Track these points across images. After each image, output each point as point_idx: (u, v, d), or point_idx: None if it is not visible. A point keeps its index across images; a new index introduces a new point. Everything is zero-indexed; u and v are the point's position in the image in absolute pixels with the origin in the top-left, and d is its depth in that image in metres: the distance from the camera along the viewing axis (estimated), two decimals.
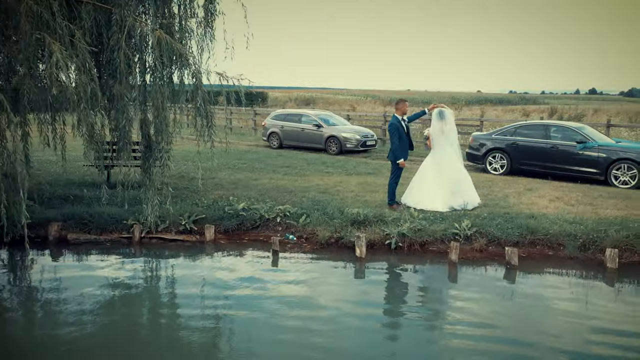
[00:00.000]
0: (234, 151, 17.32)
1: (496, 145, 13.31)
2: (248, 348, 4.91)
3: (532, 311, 5.79)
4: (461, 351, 4.87)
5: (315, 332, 5.16)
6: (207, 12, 8.17)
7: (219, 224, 8.27)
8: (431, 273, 7.13)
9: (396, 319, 5.75)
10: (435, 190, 8.76)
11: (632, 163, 11.29)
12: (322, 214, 8.26)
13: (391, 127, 8.74)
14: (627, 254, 7.17)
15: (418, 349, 4.96)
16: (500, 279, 6.81)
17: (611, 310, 5.88)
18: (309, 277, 6.73)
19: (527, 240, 7.58)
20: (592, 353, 4.82)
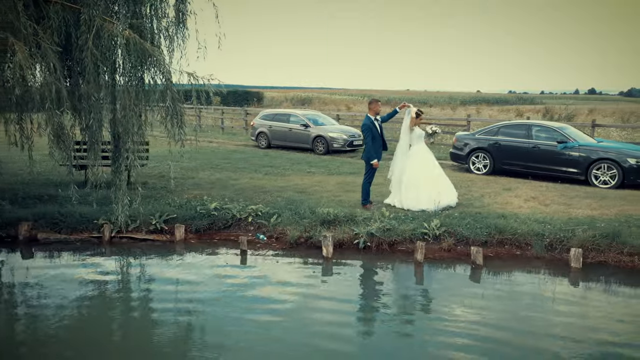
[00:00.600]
0: (222, 151, 17.37)
1: (479, 145, 13.30)
2: (216, 341, 4.97)
3: (485, 310, 5.78)
4: (416, 348, 4.88)
5: (276, 327, 5.29)
6: (178, 12, 8.19)
7: (190, 224, 8.28)
8: (395, 272, 7.13)
9: (352, 317, 5.72)
10: (422, 188, 8.71)
11: (611, 163, 11.29)
12: (293, 214, 8.27)
13: (364, 128, 8.74)
14: (594, 253, 7.18)
15: (376, 346, 4.96)
16: (463, 279, 6.81)
17: (563, 310, 5.83)
18: (273, 276, 6.73)
19: (495, 240, 7.58)
20: (541, 352, 4.82)
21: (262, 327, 5.27)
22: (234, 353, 4.81)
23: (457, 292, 6.35)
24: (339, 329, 5.31)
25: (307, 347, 4.93)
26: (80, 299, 5.99)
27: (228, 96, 46.51)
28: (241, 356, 4.78)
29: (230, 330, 5.21)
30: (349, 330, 5.33)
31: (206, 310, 5.68)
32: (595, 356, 4.76)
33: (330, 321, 5.47)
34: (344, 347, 4.94)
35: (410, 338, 5.21)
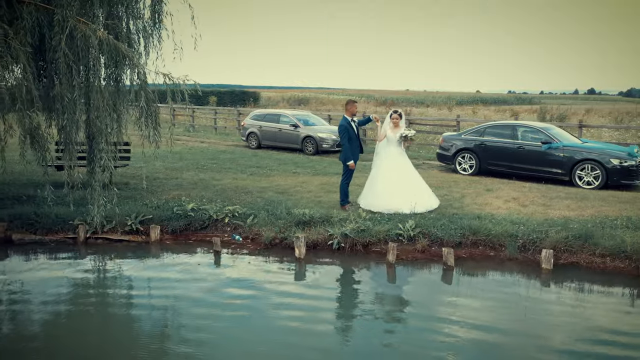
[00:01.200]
0: (211, 151, 17.39)
1: (465, 146, 13.30)
2: (188, 338, 5.01)
3: (449, 310, 5.78)
4: (380, 348, 4.88)
5: (245, 324, 5.40)
6: (154, 13, 8.20)
7: (166, 225, 8.28)
8: (364, 273, 7.10)
9: (315, 316, 5.67)
10: (399, 192, 8.64)
11: (595, 163, 11.28)
12: (269, 215, 8.27)
13: (340, 129, 8.73)
14: (566, 255, 7.17)
15: (337, 345, 4.96)
16: (433, 280, 6.83)
17: (525, 311, 5.83)
18: (243, 276, 6.75)
19: (469, 241, 7.58)
20: (497, 351, 4.82)
21: (230, 326, 5.31)
22: (203, 348, 4.85)
23: (424, 293, 6.37)
24: (303, 326, 5.33)
25: (272, 342, 5.01)
26: (52, 299, 6.00)
27: (225, 96, 46.62)
28: (207, 351, 4.81)
29: (200, 327, 5.27)
30: (312, 329, 5.32)
31: (176, 309, 5.75)
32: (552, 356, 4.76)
33: (294, 320, 5.49)
34: (307, 342, 4.96)
35: (369, 337, 5.21)
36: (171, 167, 13.20)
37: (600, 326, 5.42)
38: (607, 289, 6.50)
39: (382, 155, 8.75)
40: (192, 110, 28.20)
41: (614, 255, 6.97)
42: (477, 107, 44.84)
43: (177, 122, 29.11)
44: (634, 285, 6.48)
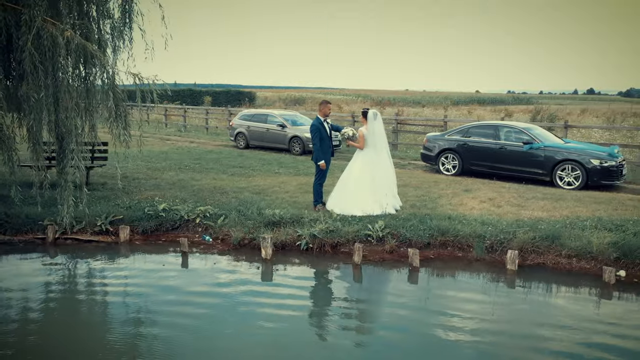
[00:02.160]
0: (198, 151, 17.36)
1: (448, 146, 13.27)
2: (148, 334, 4.96)
3: (403, 311, 5.77)
4: (339, 348, 4.87)
5: (204, 323, 5.37)
6: (124, 12, 8.17)
7: (137, 225, 8.26)
8: (330, 274, 7.04)
9: (270, 314, 5.65)
10: (374, 194, 8.59)
11: (575, 164, 11.26)
12: (240, 215, 8.25)
13: (312, 129, 8.70)
14: (533, 255, 7.15)
15: (294, 345, 4.93)
16: (396, 280, 6.80)
17: (480, 311, 5.78)
18: (206, 276, 6.73)
19: (438, 242, 7.56)
20: (450, 351, 4.80)
21: (189, 324, 5.31)
22: (158, 344, 4.89)
23: (385, 294, 6.38)
24: (262, 325, 5.30)
25: (230, 340, 5.04)
26: (16, 299, 5.99)
27: (220, 96, 46.61)
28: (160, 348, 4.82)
29: (159, 327, 5.31)
30: (270, 327, 5.28)
31: (137, 309, 5.75)
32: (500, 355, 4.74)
33: (254, 319, 5.45)
34: (264, 341, 4.95)
35: (324, 336, 5.19)
36: (154, 167, 13.18)
37: (550, 325, 5.38)
38: (566, 290, 6.46)
39: (358, 158, 8.71)
40: (185, 110, 28.20)
41: (580, 256, 6.94)
42: (473, 107, 44.79)
43: (170, 122, 29.15)
44: (595, 286, 6.44)
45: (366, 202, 8.47)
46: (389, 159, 8.98)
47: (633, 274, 6.64)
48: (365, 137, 8.53)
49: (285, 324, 5.43)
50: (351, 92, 74.02)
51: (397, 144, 18.93)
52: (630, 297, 6.18)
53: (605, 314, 5.82)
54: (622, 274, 6.63)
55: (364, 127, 8.61)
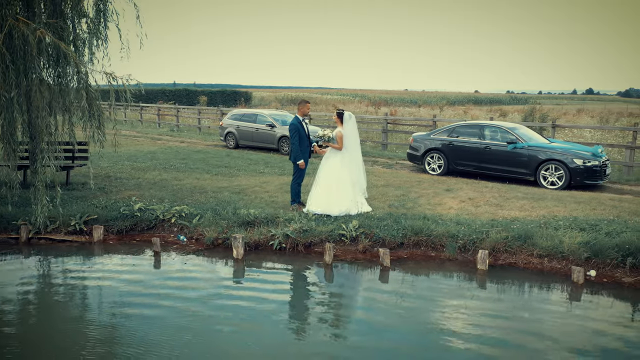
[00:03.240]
0: (187, 151, 17.33)
1: (434, 146, 13.24)
2: (113, 335, 4.92)
3: (367, 311, 5.76)
4: (301, 346, 4.85)
5: (172, 322, 5.41)
6: (99, 12, 8.16)
7: (112, 225, 8.24)
8: (300, 274, 6.98)
9: (231, 313, 5.62)
10: (352, 193, 8.57)
11: (558, 164, 11.23)
12: (215, 215, 8.23)
13: (291, 128, 8.69)
14: (505, 255, 7.13)
15: (256, 344, 4.91)
16: (366, 280, 6.77)
17: (445, 311, 5.76)
18: (176, 276, 6.70)
19: (412, 242, 7.53)
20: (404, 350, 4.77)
21: (156, 324, 5.31)
22: (123, 342, 4.85)
23: (352, 293, 6.35)
24: (227, 324, 5.28)
25: (189, 338, 5.02)
26: None
27: (216, 96, 46.59)
28: (133, 345, 4.82)
29: (122, 324, 5.32)
30: (235, 327, 5.26)
31: (102, 309, 5.75)
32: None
33: (218, 319, 5.44)
34: (226, 340, 4.95)
35: (284, 335, 5.16)
36: (138, 166, 13.16)
37: (508, 324, 5.36)
38: (532, 289, 6.40)
39: (330, 158, 8.67)
40: (177, 110, 28.19)
41: (551, 255, 6.92)
42: (469, 107, 44.77)
43: (164, 122, 29.14)
44: (562, 286, 6.41)
45: (346, 202, 8.45)
46: (361, 159, 8.94)
47: (603, 274, 6.61)
48: (344, 137, 8.52)
49: (248, 322, 5.40)
50: (349, 92, 73.98)
51: (387, 144, 18.91)
52: (594, 298, 6.13)
53: (566, 313, 5.76)
54: (592, 273, 6.60)
55: (340, 128, 8.58)
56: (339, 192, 8.48)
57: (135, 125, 28.96)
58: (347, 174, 8.56)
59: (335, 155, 8.64)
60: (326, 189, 8.56)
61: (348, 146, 8.55)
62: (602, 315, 5.68)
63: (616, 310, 5.80)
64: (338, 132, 8.53)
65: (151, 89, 47.31)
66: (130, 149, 17.41)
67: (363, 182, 8.86)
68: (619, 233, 7.05)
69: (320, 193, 8.55)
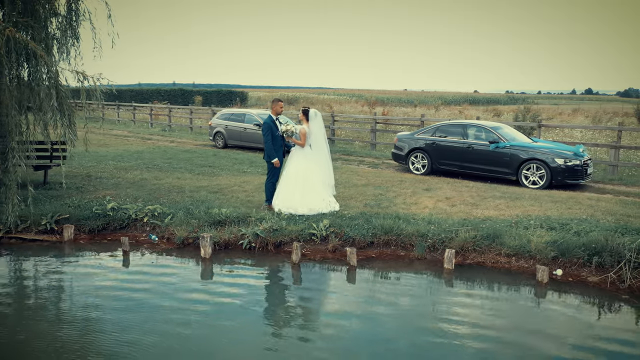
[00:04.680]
0: (174, 150, 17.31)
1: (417, 145, 13.22)
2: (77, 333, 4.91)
3: (327, 311, 5.72)
4: (261, 346, 4.82)
5: (132, 320, 5.38)
6: (70, 11, 8.14)
7: (84, 224, 8.22)
8: (267, 273, 6.89)
9: (190, 312, 5.62)
10: (323, 192, 8.56)
11: (540, 163, 11.20)
12: (187, 214, 8.21)
13: (264, 127, 8.66)
14: (474, 254, 7.09)
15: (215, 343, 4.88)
16: (331, 280, 6.73)
17: (402, 309, 5.74)
18: (141, 276, 6.67)
19: (382, 241, 7.50)
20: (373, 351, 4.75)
21: (118, 323, 5.30)
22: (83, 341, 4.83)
23: (314, 292, 6.33)
24: (188, 324, 5.25)
25: (157, 338, 5.01)
26: None
27: (211, 96, 46.58)
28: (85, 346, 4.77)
29: (85, 324, 5.32)
30: (190, 325, 5.23)
31: (65, 308, 5.75)
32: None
33: (174, 319, 5.40)
34: (190, 338, 4.90)
35: (246, 335, 5.13)
36: (121, 166, 13.14)
37: (463, 322, 5.32)
38: (494, 288, 6.32)
39: (295, 156, 8.65)
40: (169, 110, 28.19)
41: (519, 255, 6.89)
42: (465, 107, 44.73)
43: (158, 121, 29.13)
44: (526, 285, 6.36)
45: (315, 201, 8.42)
46: (329, 157, 8.91)
47: (570, 273, 6.58)
48: (307, 135, 8.51)
49: (209, 321, 5.37)
50: (346, 92, 73.95)
51: (375, 144, 18.88)
52: (555, 297, 6.07)
53: (522, 312, 5.72)
54: (558, 272, 6.57)
55: (305, 125, 8.57)
56: (306, 191, 8.44)
57: (128, 125, 28.96)
58: (314, 172, 8.55)
59: (299, 153, 8.61)
60: (291, 188, 8.52)
61: (314, 144, 8.56)
62: (557, 314, 5.65)
63: (574, 310, 5.74)
64: (302, 129, 8.53)
65: (147, 89, 47.33)
66: (118, 149, 17.40)
67: (331, 180, 8.85)
68: (587, 232, 7.02)
69: (286, 192, 8.52)
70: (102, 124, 8.22)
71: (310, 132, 8.58)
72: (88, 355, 4.71)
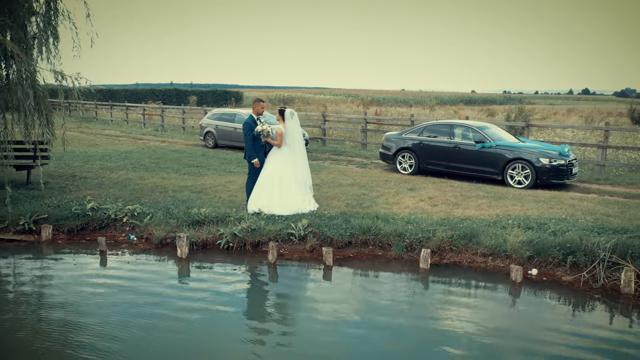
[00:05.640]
0: (164, 150, 17.29)
1: (405, 145, 13.21)
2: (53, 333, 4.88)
3: (298, 310, 5.72)
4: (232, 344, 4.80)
5: (106, 320, 5.29)
6: (49, 10, 8.12)
7: (63, 224, 8.19)
8: (242, 273, 6.84)
9: (157, 312, 5.59)
10: (301, 192, 8.55)
11: (525, 163, 11.20)
12: (166, 214, 8.19)
13: (245, 126, 8.64)
14: (450, 254, 7.08)
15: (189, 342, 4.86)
16: (306, 279, 6.72)
17: (373, 309, 5.73)
18: (116, 275, 6.65)
19: (360, 241, 7.49)
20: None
21: (91, 323, 5.27)
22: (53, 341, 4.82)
23: (288, 292, 6.32)
24: (159, 323, 5.22)
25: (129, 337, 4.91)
26: None
27: (207, 96, 46.56)
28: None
29: (56, 324, 5.27)
30: (166, 326, 5.20)
31: (35, 309, 5.68)
32: None
33: (145, 317, 5.38)
34: (160, 338, 4.89)
35: (216, 334, 5.11)
36: (108, 166, 13.12)
37: (434, 321, 5.31)
38: (466, 288, 6.31)
39: (272, 157, 8.64)
40: (162, 110, 28.16)
41: (495, 254, 6.88)
42: (461, 107, 44.76)
43: (152, 121, 29.11)
44: (500, 284, 6.35)
45: (293, 201, 8.42)
46: (305, 157, 8.88)
47: (545, 273, 6.57)
48: (284, 135, 8.50)
49: (180, 321, 5.35)
50: (343, 91, 73.93)
51: (366, 144, 18.87)
52: (527, 296, 6.06)
53: (491, 311, 5.70)
54: (533, 272, 6.56)
55: (282, 126, 8.56)
56: (283, 191, 8.43)
57: (121, 125, 28.92)
58: (291, 173, 8.54)
59: (276, 154, 8.60)
60: (269, 189, 8.49)
61: (291, 144, 8.56)
62: (523, 313, 5.65)
63: (540, 309, 5.73)
64: (278, 129, 8.52)
65: (142, 89, 47.28)
66: (107, 149, 17.37)
67: (308, 179, 8.83)
68: (564, 232, 7.01)
69: (262, 193, 8.49)
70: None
71: (286, 132, 8.57)
72: (61, 354, 4.69)
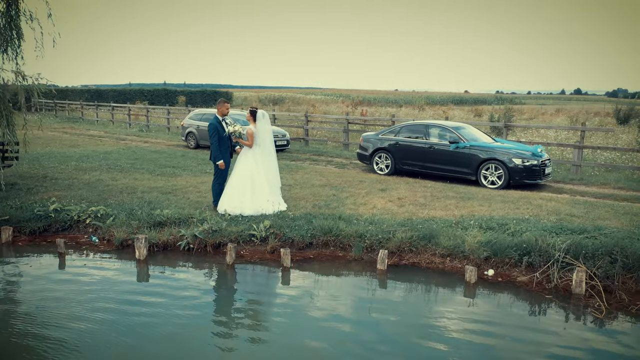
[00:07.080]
0: (143, 151, 17.19)
1: (381, 145, 13.20)
2: None
3: (250, 312, 5.68)
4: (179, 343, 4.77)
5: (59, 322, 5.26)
6: (9, 9, 8.05)
7: (24, 226, 8.13)
8: (198, 275, 6.76)
9: (128, 317, 5.55)
10: (268, 193, 8.52)
11: (498, 163, 11.21)
12: (129, 216, 8.14)
13: (210, 128, 8.60)
14: (410, 255, 7.07)
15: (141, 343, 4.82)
16: (261, 281, 6.70)
17: (323, 310, 5.69)
18: (69, 278, 6.59)
19: (321, 242, 7.47)
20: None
21: (46, 327, 5.21)
22: None
23: (242, 293, 6.29)
24: (115, 325, 5.18)
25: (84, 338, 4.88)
26: None
27: (196, 96, 46.42)
28: None
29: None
30: (125, 327, 5.16)
31: None
32: None
33: (99, 319, 5.33)
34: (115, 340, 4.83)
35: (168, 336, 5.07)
36: (83, 167, 13.03)
37: (380, 322, 5.30)
38: (419, 289, 6.31)
39: (243, 157, 8.60)
40: (147, 110, 28.05)
41: (453, 255, 6.87)
42: (450, 107, 44.83)
43: (137, 122, 29.01)
44: (453, 285, 6.34)
45: (262, 202, 8.38)
46: (275, 158, 8.85)
47: (501, 273, 6.57)
48: (255, 135, 8.45)
49: (128, 323, 5.31)
50: (334, 91, 73.92)
51: (348, 144, 18.86)
52: (478, 297, 6.05)
53: (438, 312, 5.69)
54: (490, 272, 6.56)
55: (252, 126, 8.52)
56: (255, 192, 8.41)
57: (107, 125, 28.81)
58: (262, 173, 8.51)
59: (247, 154, 8.56)
60: (240, 189, 8.46)
61: (262, 144, 8.51)
62: (473, 314, 5.63)
63: (491, 310, 5.72)
64: (249, 129, 8.48)
65: (130, 89, 47.08)
66: (87, 149, 17.27)
67: (277, 180, 8.80)
68: (522, 233, 7.01)
69: (233, 193, 8.46)
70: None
71: (257, 133, 8.54)
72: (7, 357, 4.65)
